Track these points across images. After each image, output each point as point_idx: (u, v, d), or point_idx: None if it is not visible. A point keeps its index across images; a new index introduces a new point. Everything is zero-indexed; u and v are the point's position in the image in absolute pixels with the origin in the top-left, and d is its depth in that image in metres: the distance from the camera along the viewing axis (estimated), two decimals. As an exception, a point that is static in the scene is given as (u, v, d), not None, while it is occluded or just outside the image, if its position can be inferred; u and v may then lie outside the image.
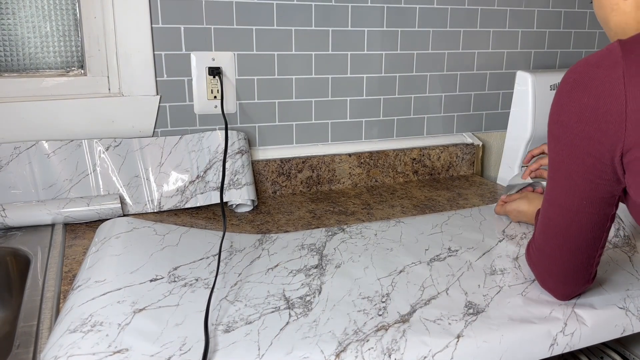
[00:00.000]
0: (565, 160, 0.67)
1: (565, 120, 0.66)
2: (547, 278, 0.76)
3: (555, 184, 0.70)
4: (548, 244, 0.74)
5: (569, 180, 0.67)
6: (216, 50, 1.16)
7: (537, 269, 0.78)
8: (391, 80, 1.33)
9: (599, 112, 0.62)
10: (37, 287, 0.80)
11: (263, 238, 0.96)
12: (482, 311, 0.74)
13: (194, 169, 1.13)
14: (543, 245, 0.75)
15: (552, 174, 0.70)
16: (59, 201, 1.01)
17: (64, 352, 0.62)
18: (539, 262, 0.77)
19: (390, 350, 0.66)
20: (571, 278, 0.74)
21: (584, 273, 0.74)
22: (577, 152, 0.65)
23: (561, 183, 0.69)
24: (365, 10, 1.25)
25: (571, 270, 0.73)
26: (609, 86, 0.61)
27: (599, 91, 0.62)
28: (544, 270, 0.76)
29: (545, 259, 0.75)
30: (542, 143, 1.32)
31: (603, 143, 0.62)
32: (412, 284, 0.81)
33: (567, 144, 0.66)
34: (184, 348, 0.64)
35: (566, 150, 0.66)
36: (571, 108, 0.65)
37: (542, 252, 0.75)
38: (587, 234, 0.70)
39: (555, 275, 0.75)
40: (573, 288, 0.75)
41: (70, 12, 1.10)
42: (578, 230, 0.70)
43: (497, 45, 1.41)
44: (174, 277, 0.80)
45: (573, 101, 0.64)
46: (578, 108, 0.64)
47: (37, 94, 1.08)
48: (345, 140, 1.32)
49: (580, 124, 0.64)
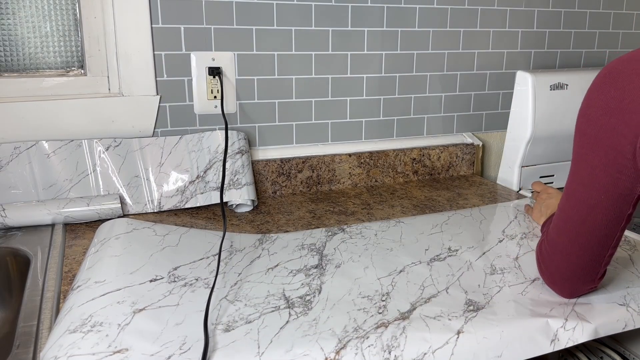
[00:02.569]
0: (588, 154, 0.67)
1: (591, 114, 0.66)
2: (555, 273, 0.76)
3: (576, 178, 0.70)
4: (561, 237, 0.74)
5: (589, 174, 0.68)
6: (216, 50, 1.16)
7: (545, 264, 0.78)
8: (391, 80, 1.33)
9: (624, 103, 0.62)
10: (37, 287, 0.80)
11: (263, 238, 0.96)
12: (483, 307, 0.74)
13: (194, 169, 1.13)
14: (556, 239, 0.75)
15: (574, 168, 0.70)
16: (59, 201, 1.01)
17: (64, 352, 0.62)
18: (549, 257, 0.76)
19: (390, 347, 0.66)
20: (579, 275, 0.74)
21: (592, 271, 0.73)
22: (600, 145, 0.65)
23: (582, 177, 0.69)
24: (365, 10, 1.25)
25: (580, 266, 0.73)
26: (636, 78, 0.62)
27: (625, 83, 0.63)
28: (553, 266, 0.76)
29: (556, 253, 0.75)
30: (541, 143, 1.32)
31: (626, 136, 0.63)
32: (412, 283, 0.81)
33: (592, 137, 0.66)
34: (184, 347, 0.64)
35: (590, 144, 0.67)
36: (598, 102, 0.66)
37: (554, 246, 0.75)
38: (600, 230, 0.70)
39: (564, 271, 0.75)
40: (579, 286, 0.75)
41: (70, 12, 1.10)
42: (592, 226, 0.70)
43: (497, 45, 1.41)
44: (174, 277, 0.80)
45: (601, 94, 0.65)
46: (604, 101, 0.64)
47: (37, 94, 1.08)
48: (345, 140, 1.32)
49: (605, 116, 0.64)
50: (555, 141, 1.33)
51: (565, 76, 1.30)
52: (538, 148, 1.32)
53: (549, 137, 1.31)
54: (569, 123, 1.32)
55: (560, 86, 1.29)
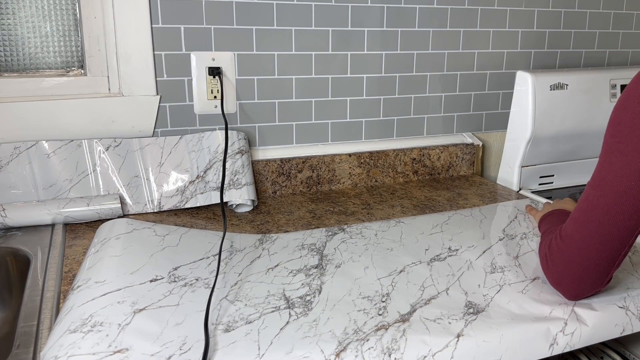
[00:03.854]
0: (621, 141, 0.68)
1: (628, 105, 0.68)
2: (564, 272, 0.75)
3: (605, 167, 0.70)
4: (579, 230, 0.72)
5: (622, 161, 0.68)
6: (216, 50, 1.16)
7: (554, 261, 0.76)
8: (391, 80, 1.33)
9: None
10: (37, 287, 0.80)
11: (263, 238, 0.96)
12: (482, 310, 0.74)
13: (194, 169, 1.13)
14: (572, 233, 0.73)
15: (604, 158, 0.71)
16: (59, 201, 1.01)
17: (64, 352, 0.62)
18: (561, 253, 0.75)
19: (390, 350, 0.66)
20: (590, 274, 0.73)
21: (604, 271, 0.73)
22: (635, 132, 0.66)
23: (613, 164, 0.69)
24: (365, 10, 1.25)
25: (594, 263, 0.72)
26: None
27: None
28: (563, 264, 0.75)
29: (569, 250, 0.74)
30: (541, 143, 1.32)
31: None
32: (412, 283, 0.81)
33: (627, 125, 0.67)
34: (184, 347, 0.64)
35: (624, 132, 0.67)
36: (636, 93, 0.67)
37: (570, 241, 0.74)
38: (625, 222, 0.69)
39: (574, 270, 0.73)
40: (587, 287, 0.74)
41: (70, 12, 1.10)
42: (617, 217, 0.69)
43: (497, 45, 1.41)
44: (174, 277, 0.80)
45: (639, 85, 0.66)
46: None
47: (37, 94, 1.08)
48: (345, 140, 1.32)
49: None
50: (555, 141, 1.33)
51: (565, 76, 1.30)
52: (538, 148, 1.32)
53: (549, 137, 1.31)
54: (569, 123, 1.32)
55: (560, 86, 1.29)
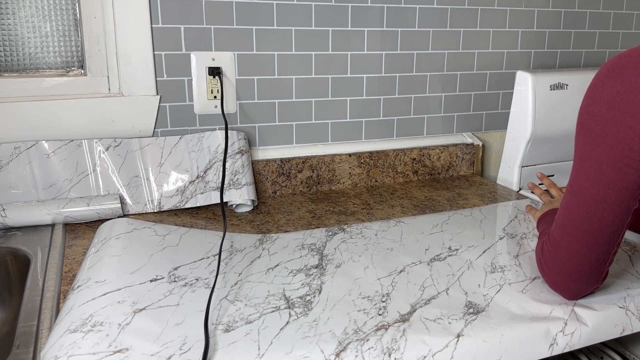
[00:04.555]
0: (594, 149, 0.67)
1: (596, 110, 0.66)
2: (559, 275, 0.75)
3: (581, 175, 0.69)
4: (565, 237, 0.73)
5: (596, 170, 0.67)
6: (216, 50, 1.16)
7: (548, 266, 0.77)
8: (391, 80, 1.33)
9: (630, 97, 0.62)
10: (37, 287, 0.80)
11: (263, 238, 0.96)
12: (482, 310, 0.74)
13: (194, 169, 1.13)
14: (559, 240, 0.74)
15: (578, 165, 0.70)
16: (59, 201, 1.01)
17: (64, 352, 0.62)
18: (552, 259, 0.75)
19: (390, 350, 0.66)
20: (584, 275, 0.73)
21: (597, 271, 0.73)
22: (606, 140, 0.65)
23: (588, 172, 0.68)
24: (365, 10, 1.25)
25: (586, 265, 0.72)
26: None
27: (630, 77, 0.62)
28: (557, 268, 0.75)
29: (559, 255, 0.74)
30: (541, 143, 1.32)
31: (633, 128, 0.63)
32: (412, 283, 0.81)
33: (597, 132, 0.66)
34: (184, 347, 0.64)
35: (596, 139, 0.66)
36: (602, 97, 0.65)
37: (558, 248, 0.74)
38: (607, 227, 0.69)
39: (568, 273, 0.74)
40: (584, 286, 0.75)
41: (70, 12, 1.10)
42: (599, 223, 0.69)
43: (497, 45, 1.41)
44: (174, 277, 0.80)
45: (605, 89, 0.65)
46: (609, 95, 0.64)
47: (37, 94, 1.08)
48: (345, 140, 1.32)
49: (611, 110, 0.64)
50: (555, 141, 1.33)
51: (565, 76, 1.30)
52: (538, 148, 1.32)
53: (549, 137, 1.31)
54: (569, 123, 1.32)
55: (560, 86, 1.29)
